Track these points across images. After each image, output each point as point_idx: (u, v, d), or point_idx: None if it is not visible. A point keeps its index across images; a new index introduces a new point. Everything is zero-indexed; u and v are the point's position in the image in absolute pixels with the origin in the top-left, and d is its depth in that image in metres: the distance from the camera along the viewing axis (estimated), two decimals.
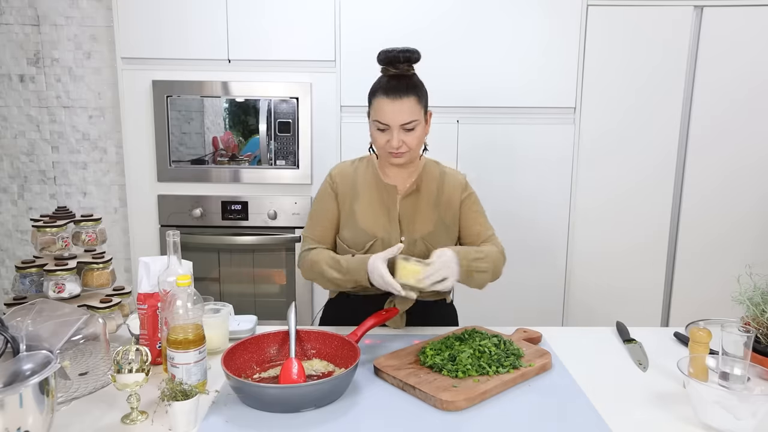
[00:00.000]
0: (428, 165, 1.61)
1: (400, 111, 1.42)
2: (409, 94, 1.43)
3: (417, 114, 1.45)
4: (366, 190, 1.56)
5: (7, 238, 2.89)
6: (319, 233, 1.58)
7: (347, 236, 1.55)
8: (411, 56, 1.46)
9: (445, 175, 1.60)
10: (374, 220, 1.54)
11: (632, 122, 2.49)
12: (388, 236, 1.53)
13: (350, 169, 1.60)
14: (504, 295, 2.61)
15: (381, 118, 1.44)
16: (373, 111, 1.47)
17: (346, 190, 1.57)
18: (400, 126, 1.43)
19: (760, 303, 1.31)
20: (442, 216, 1.57)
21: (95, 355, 1.28)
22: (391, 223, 1.54)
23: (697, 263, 2.58)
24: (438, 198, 1.57)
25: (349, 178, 1.58)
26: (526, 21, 2.43)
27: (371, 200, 1.55)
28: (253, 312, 2.35)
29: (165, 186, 2.56)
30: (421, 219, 1.55)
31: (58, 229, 1.48)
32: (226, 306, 1.46)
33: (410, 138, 1.45)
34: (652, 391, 1.21)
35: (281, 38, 2.46)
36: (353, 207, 1.55)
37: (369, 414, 1.10)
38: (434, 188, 1.58)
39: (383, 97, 1.43)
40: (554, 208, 2.55)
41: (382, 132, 1.46)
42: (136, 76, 2.49)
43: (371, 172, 1.59)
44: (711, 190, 2.53)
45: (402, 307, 1.52)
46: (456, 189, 1.59)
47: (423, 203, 1.56)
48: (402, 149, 1.45)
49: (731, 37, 2.42)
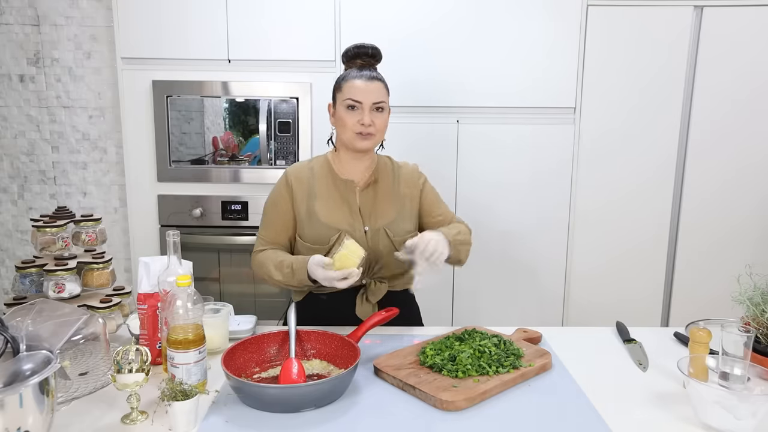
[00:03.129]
0: (382, 159, 1.67)
1: (373, 90, 1.51)
2: (379, 81, 1.54)
3: (385, 97, 1.54)
4: (324, 187, 1.59)
5: (7, 238, 2.89)
6: (271, 235, 1.61)
7: (309, 234, 1.56)
8: (376, 52, 1.58)
9: (399, 167, 1.66)
10: (336, 214, 1.56)
11: (632, 122, 2.49)
12: (351, 228, 1.55)
13: (306, 170, 1.62)
14: (504, 295, 2.62)
15: (354, 95, 1.50)
16: (344, 92, 1.52)
17: (302, 192, 1.58)
18: (372, 104, 1.50)
19: (760, 303, 1.31)
20: (402, 204, 1.61)
21: (95, 355, 1.28)
22: (353, 215, 1.57)
23: (697, 263, 2.58)
24: (396, 188, 1.62)
25: (305, 179, 1.60)
26: (525, 21, 2.43)
27: (330, 196, 1.58)
28: (253, 312, 2.35)
29: (165, 186, 2.56)
30: (381, 209, 1.59)
31: (58, 229, 1.48)
32: (226, 306, 1.46)
33: (379, 120, 1.52)
34: (652, 391, 1.21)
35: (281, 38, 2.46)
36: (312, 206, 1.57)
37: (369, 414, 1.10)
38: (391, 180, 1.63)
39: (356, 78, 1.52)
40: (554, 209, 2.55)
41: (353, 111, 1.51)
42: (136, 76, 2.49)
43: (327, 169, 1.61)
44: (711, 190, 2.53)
45: (374, 298, 1.57)
46: (412, 177, 1.65)
47: (381, 194, 1.60)
48: (371, 129, 1.50)
49: (731, 38, 2.42)
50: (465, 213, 2.55)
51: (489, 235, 2.56)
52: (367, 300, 1.57)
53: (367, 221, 1.57)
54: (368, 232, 1.56)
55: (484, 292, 2.62)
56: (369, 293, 1.57)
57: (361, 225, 1.57)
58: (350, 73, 1.54)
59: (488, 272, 2.62)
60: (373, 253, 1.55)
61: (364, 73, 1.53)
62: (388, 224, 1.57)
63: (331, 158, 1.63)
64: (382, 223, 1.57)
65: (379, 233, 1.56)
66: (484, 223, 2.55)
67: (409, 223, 1.61)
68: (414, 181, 1.64)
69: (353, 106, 1.50)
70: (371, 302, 1.57)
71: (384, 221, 1.57)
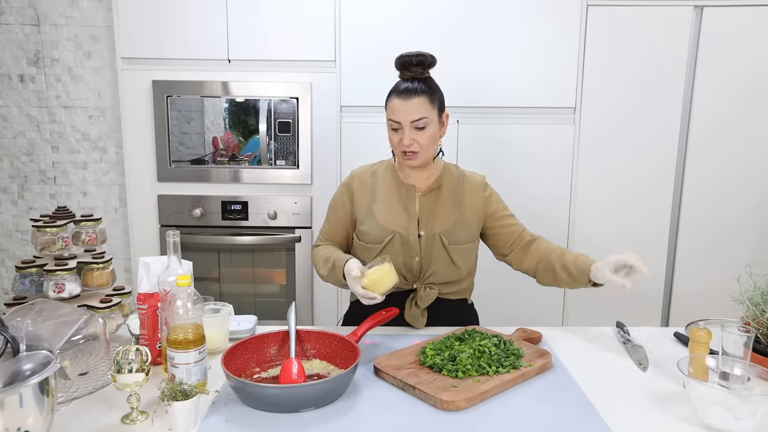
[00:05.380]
0: (448, 166, 1.66)
1: (410, 109, 1.48)
2: (420, 95, 1.49)
3: (427, 112, 1.49)
4: (385, 190, 1.61)
5: (7, 238, 2.89)
6: (330, 232, 1.67)
7: (366, 231, 1.59)
8: (423, 60, 1.53)
9: (465, 177, 1.65)
10: (392, 217, 1.57)
11: (632, 122, 2.49)
12: (406, 232, 1.56)
13: (368, 173, 1.65)
14: (504, 295, 2.62)
15: (392, 116, 1.51)
16: (388, 112, 1.53)
17: (363, 194, 1.61)
18: (411, 123, 1.48)
19: (760, 303, 1.31)
20: (463, 214, 1.60)
21: (95, 355, 1.28)
22: (410, 220, 1.57)
23: (697, 263, 2.58)
24: (459, 197, 1.61)
25: (367, 181, 1.63)
26: (526, 21, 2.43)
27: (390, 199, 1.60)
28: (253, 312, 2.35)
29: (165, 186, 2.56)
30: (440, 216, 1.58)
31: (58, 229, 1.48)
32: (226, 306, 1.46)
33: (421, 137, 1.50)
34: (652, 391, 1.21)
35: (281, 38, 2.46)
36: (371, 207, 1.59)
37: (369, 414, 1.10)
38: (455, 187, 1.62)
39: (395, 97, 1.51)
40: (554, 208, 2.55)
41: (395, 132, 1.52)
42: (136, 76, 2.49)
43: (390, 173, 1.63)
44: (711, 189, 2.53)
45: (422, 304, 1.56)
46: (477, 188, 1.63)
47: (443, 201, 1.60)
48: (413, 147, 1.50)
49: (731, 37, 2.42)
50: None
51: None
52: (416, 305, 1.56)
53: (423, 226, 1.57)
54: (423, 237, 1.56)
55: (485, 292, 2.61)
56: (418, 298, 1.56)
57: (416, 229, 1.57)
58: (394, 89, 1.53)
59: (488, 272, 2.61)
60: (426, 258, 1.56)
61: (405, 87, 1.49)
62: (445, 231, 1.56)
63: (396, 163, 1.64)
64: (439, 230, 1.56)
65: (434, 239, 1.56)
66: None
67: (468, 233, 1.60)
68: (479, 192, 1.62)
69: (395, 128, 1.51)
70: (420, 308, 1.56)
71: (441, 228, 1.57)
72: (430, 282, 1.58)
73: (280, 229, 2.57)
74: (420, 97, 1.48)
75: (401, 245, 1.55)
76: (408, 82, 1.51)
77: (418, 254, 1.56)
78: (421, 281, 1.58)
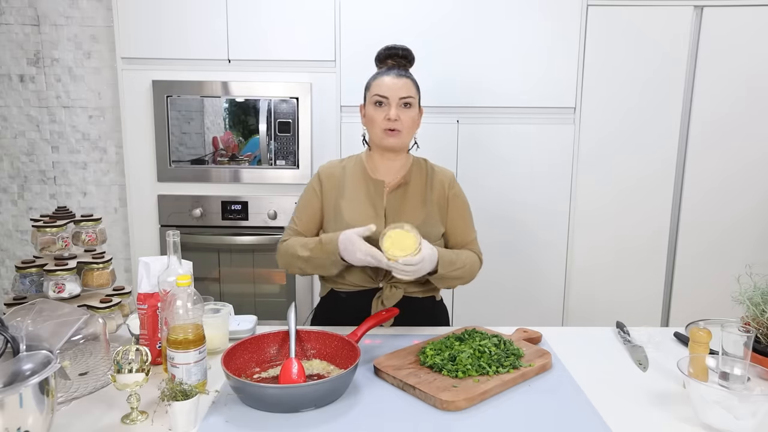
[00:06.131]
0: (417, 160, 1.65)
1: (400, 85, 1.51)
2: (409, 78, 1.54)
3: (414, 94, 1.53)
4: (353, 186, 1.59)
5: (7, 238, 2.89)
6: (299, 228, 1.62)
7: (332, 230, 1.55)
8: (408, 54, 1.59)
9: (434, 172, 1.63)
10: (360, 215, 1.55)
11: (632, 122, 2.49)
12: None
13: (338, 168, 1.63)
14: (504, 295, 2.62)
15: (380, 91, 1.51)
16: (372, 89, 1.53)
17: (331, 188, 1.59)
18: (399, 99, 1.50)
19: (760, 303, 1.31)
20: (431, 210, 1.58)
21: (95, 355, 1.28)
22: (377, 217, 1.55)
23: (697, 263, 2.58)
24: (427, 193, 1.59)
25: (336, 176, 1.61)
26: (525, 21, 2.43)
27: (358, 195, 1.58)
28: (253, 312, 2.35)
29: (165, 186, 2.56)
30: (408, 212, 1.56)
31: (58, 229, 1.48)
32: (226, 306, 1.45)
33: (406, 115, 1.51)
34: (652, 391, 1.21)
35: (281, 38, 2.46)
36: (339, 203, 1.57)
37: (369, 414, 1.10)
38: (423, 183, 1.60)
39: (384, 75, 1.53)
40: (554, 208, 2.55)
41: (380, 107, 1.51)
42: (136, 76, 2.49)
43: (359, 168, 1.61)
44: (711, 189, 2.53)
45: (388, 303, 1.54)
46: (444, 185, 1.62)
47: (411, 197, 1.58)
48: (397, 125, 1.50)
49: (731, 37, 2.42)
50: None
51: (489, 235, 2.56)
52: (383, 304, 1.55)
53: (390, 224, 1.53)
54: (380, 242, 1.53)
55: (484, 292, 2.62)
56: (384, 298, 1.55)
57: (383, 227, 1.52)
58: (380, 71, 1.56)
59: (488, 272, 2.60)
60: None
61: (393, 71, 1.53)
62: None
63: (365, 158, 1.63)
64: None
65: None
66: (483, 223, 2.55)
67: (436, 229, 1.58)
68: (445, 189, 1.61)
69: (380, 102, 1.51)
70: (386, 307, 1.54)
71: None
72: (395, 281, 1.55)
73: (281, 229, 2.57)
74: (408, 79, 1.53)
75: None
76: (395, 68, 1.55)
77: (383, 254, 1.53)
78: (386, 280, 1.56)
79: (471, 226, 1.66)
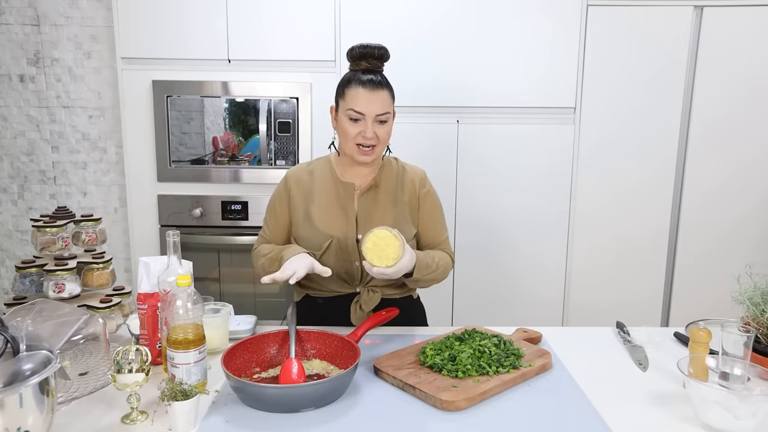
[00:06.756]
0: (388, 160, 1.60)
1: (377, 101, 1.43)
2: (384, 88, 1.45)
3: (389, 107, 1.46)
4: (323, 190, 1.55)
5: (7, 238, 2.89)
6: (269, 235, 1.61)
7: (304, 236, 1.53)
8: (384, 53, 1.48)
9: (405, 171, 1.59)
10: (330, 220, 1.52)
11: (632, 122, 2.49)
12: (344, 236, 1.51)
13: (306, 172, 1.58)
14: (504, 295, 2.62)
15: (356, 106, 1.43)
16: (347, 101, 1.45)
17: (300, 194, 1.55)
18: (375, 116, 1.43)
19: (760, 303, 1.31)
20: (402, 211, 1.55)
21: (95, 355, 1.28)
22: (348, 223, 1.52)
23: (697, 263, 2.58)
24: (398, 194, 1.56)
25: (304, 181, 1.56)
26: (526, 21, 2.43)
27: (328, 200, 1.54)
28: (253, 312, 2.35)
29: (165, 186, 2.56)
30: (379, 216, 1.53)
31: (58, 229, 1.48)
32: (226, 306, 1.45)
33: (382, 131, 1.45)
34: (652, 391, 1.21)
35: (281, 38, 2.46)
36: (309, 209, 1.54)
37: (369, 414, 1.10)
38: (394, 184, 1.56)
39: (360, 87, 1.43)
40: (554, 208, 2.55)
41: (355, 122, 1.44)
42: (136, 76, 2.49)
43: (328, 171, 1.57)
44: (711, 189, 2.53)
45: (366, 308, 1.53)
46: (414, 185, 1.57)
47: (381, 199, 1.54)
48: (373, 141, 1.44)
49: (731, 37, 2.42)
50: (465, 213, 2.55)
51: (489, 235, 2.56)
52: (361, 308, 1.53)
53: (361, 229, 1.51)
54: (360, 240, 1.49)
55: (484, 292, 2.62)
56: (362, 302, 1.53)
57: (355, 233, 1.52)
58: (354, 77, 1.45)
59: (488, 272, 2.62)
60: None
61: (369, 79, 1.44)
62: None
63: (334, 160, 1.59)
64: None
65: None
66: (484, 223, 2.55)
67: (407, 229, 1.53)
68: (416, 188, 1.57)
69: (356, 119, 1.44)
70: (364, 311, 1.53)
71: None
72: (372, 285, 1.54)
73: None
74: (384, 91, 1.44)
75: (339, 250, 1.50)
76: (370, 74, 1.45)
77: (357, 259, 1.51)
78: (363, 284, 1.54)
79: (443, 225, 1.62)
